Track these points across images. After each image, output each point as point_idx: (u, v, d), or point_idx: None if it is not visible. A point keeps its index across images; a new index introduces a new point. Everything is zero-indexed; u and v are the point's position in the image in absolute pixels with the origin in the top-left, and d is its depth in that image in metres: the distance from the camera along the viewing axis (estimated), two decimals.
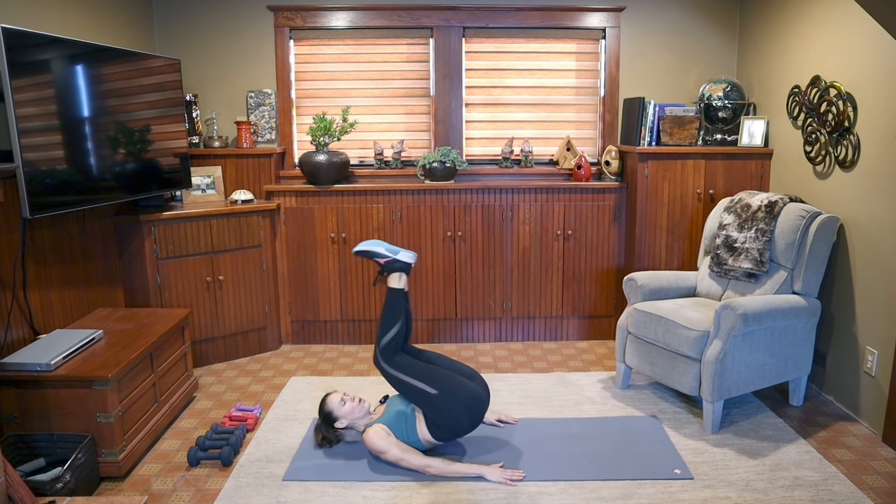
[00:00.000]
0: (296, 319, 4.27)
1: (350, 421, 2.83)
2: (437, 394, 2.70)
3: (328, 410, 2.85)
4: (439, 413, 2.71)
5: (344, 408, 2.83)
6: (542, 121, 4.44)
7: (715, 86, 4.12)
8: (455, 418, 2.72)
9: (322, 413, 2.87)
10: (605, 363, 3.93)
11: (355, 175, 4.33)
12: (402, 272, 2.87)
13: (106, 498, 2.33)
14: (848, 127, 3.21)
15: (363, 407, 2.86)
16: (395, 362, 2.75)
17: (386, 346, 2.76)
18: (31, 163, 2.68)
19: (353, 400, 2.86)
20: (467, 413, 2.73)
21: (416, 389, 2.72)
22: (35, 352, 2.66)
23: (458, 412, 2.72)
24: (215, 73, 4.29)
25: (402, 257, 2.87)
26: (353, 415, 2.83)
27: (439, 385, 2.72)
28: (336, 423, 2.83)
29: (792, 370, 3.20)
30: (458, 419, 2.72)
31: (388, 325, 2.79)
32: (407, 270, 2.88)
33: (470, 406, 2.74)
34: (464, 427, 2.76)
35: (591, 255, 4.24)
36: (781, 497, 2.51)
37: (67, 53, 2.93)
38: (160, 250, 3.64)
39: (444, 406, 2.70)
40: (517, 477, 2.63)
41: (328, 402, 2.87)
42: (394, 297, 2.83)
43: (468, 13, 4.25)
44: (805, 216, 3.20)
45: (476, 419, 2.77)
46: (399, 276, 2.86)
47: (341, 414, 2.83)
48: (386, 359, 2.76)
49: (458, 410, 2.71)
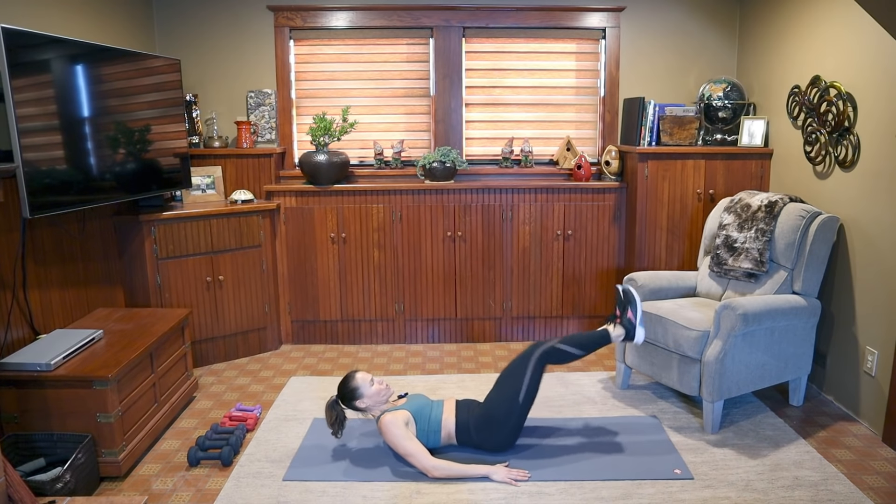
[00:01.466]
0: (296, 319, 4.27)
1: (371, 403, 2.80)
2: (510, 422, 2.76)
3: (354, 386, 2.79)
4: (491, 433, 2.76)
5: (371, 388, 2.79)
6: (542, 121, 4.44)
7: (715, 86, 4.12)
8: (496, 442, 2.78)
9: (346, 388, 2.80)
10: (605, 363, 3.93)
11: (355, 175, 4.33)
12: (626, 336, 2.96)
13: (106, 498, 2.34)
14: (848, 127, 3.21)
15: (387, 394, 2.84)
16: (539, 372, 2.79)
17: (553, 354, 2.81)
18: (31, 163, 2.68)
19: (381, 384, 2.83)
20: (505, 443, 2.80)
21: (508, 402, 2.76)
22: (35, 352, 2.66)
23: (503, 440, 2.79)
24: (215, 73, 4.29)
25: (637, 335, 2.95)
26: (376, 398, 2.80)
27: (519, 417, 2.78)
28: (357, 402, 2.79)
29: (792, 370, 3.20)
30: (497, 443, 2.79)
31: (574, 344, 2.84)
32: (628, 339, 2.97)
33: (510, 441, 2.82)
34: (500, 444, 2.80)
35: (591, 255, 4.24)
36: (781, 497, 2.51)
37: (67, 53, 2.93)
38: (160, 250, 3.64)
39: (511, 416, 2.75)
40: (522, 477, 2.63)
41: (357, 377, 2.81)
42: (600, 340, 2.90)
43: (468, 13, 4.25)
44: (805, 216, 3.20)
45: (513, 442, 2.84)
46: (619, 335, 2.95)
47: (367, 393, 2.78)
48: (542, 359, 2.79)
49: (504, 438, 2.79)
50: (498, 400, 2.79)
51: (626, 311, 2.98)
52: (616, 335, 2.95)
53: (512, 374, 2.81)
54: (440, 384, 3.61)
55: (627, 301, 2.98)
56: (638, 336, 2.95)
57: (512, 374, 2.81)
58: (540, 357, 2.80)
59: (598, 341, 2.90)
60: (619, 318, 2.99)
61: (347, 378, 2.83)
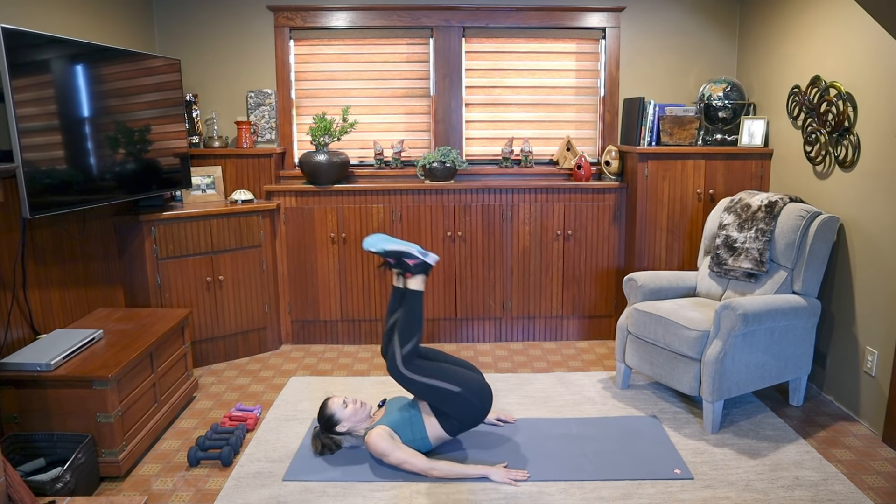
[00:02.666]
0: (296, 319, 4.27)
1: (352, 425, 2.81)
2: (459, 391, 2.72)
3: (329, 414, 2.80)
4: (459, 408, 2.73)
5: (346, 411, 2.80)
6: (542, 121, 4.44)
7: (715, 86, 4.12)
8: (472, 410, 2.75)
9: (323, 417, 2.82)
10: (605, 363, 3.93)
11: (355, 175, 4.33)
12: (424, 275, 2.81)
13: (106, 498, 2.34)
14: (848, 127, 3.21)
15: (365, 410, 2.84)
16: (417, 367, 2.71)
17: (408, 354, 2.70)
18: (31, 163, 2.68)
19: (354, 403, 2.83)
20: (481, 402, 2.78)
21: (440, 390, 2.71)
22: (35, 352, 2.66)
23: (475, 403, 2.76)
24: (215, 73, 4.29)
25: (430, 260, 2.80)
26: (354, 418, 2.80)
27: (458, 382, 2.73)
28: (337, 428, 2.80)
29: (792, 370, 3.20)
30: (474, 410, 2.76)
31: (412, 333, 2.72)
32: (428, 273, 2.84)
33: (482, 395, 2.79)
34: (478, 417, 2.79)
35: (591, 255, 4.24)
36: (781, 497, 2.51)
37: (67, 53, 2.92)
38: (160, 250, 3.64)
39: (463, 401, 2.72)
40: (521, 477, 2.63)
41: (329, 405, 2.83)
42: (417, 300, 2.76)
43: (468, 13, 4.25)
44: (805, 216, 3.20)
45: (488, 408, 2.82)
46: (423, 279, 2.81)
47: (343, 417, 2.79)
48: (408, 366, 2.70)
49: (475, 401, 2.75)
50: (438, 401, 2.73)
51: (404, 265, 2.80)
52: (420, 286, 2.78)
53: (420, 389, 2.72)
54: None
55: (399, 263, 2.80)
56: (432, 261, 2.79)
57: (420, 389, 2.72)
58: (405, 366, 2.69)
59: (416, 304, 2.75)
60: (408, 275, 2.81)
61: (321, 408, 2.85)
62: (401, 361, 2.70)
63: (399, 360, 2.70)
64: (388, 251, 2.78)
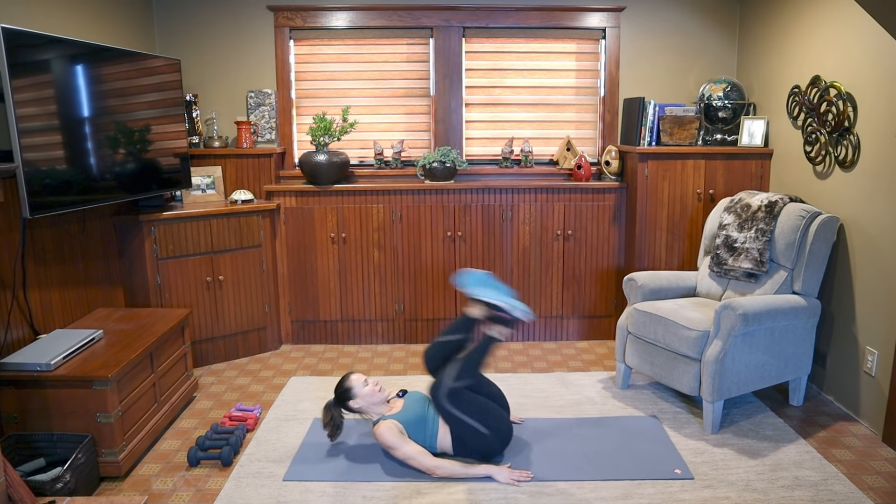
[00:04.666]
0: (296, 319, 4.27)
1: (365, 404, 2.80)
2: (488, 434, 2.72)
3: (348, 386, 2.81)
4: (478, 444, 2.73)
5: (365, 389, 2.80)
6: (542, 121, 4.44)
7: (715, 86, 4.12)
8: (488, 450, 2.75)
9: (340, 388, 2.83)
10: (605, 363, 3.93)
11: (355, 175, 4.33)
12: (509, 325, 2.83)
13: (106, 498, 2.34)
14: (848, 127, 3.21)
15: (381, 395, 2.84)
16: (459, 402, 2.69)
17: (456, 390, 2.70)
18: (31, 163, 2.68)
19: (375, 385, 2.84)
20: (500, 443, 2.78)
21: (470, 428, 2.70)
22: (35, 352, 2.66)
23: (494, 447, 2.76)
24: (215, 73, 4.29)
25: (520, 316, 2.79)
26: (370, 399, 2.80)
27: (489, 424, 2.72)
28: (351, 402, 2.79)
29: (792, 370, 3.20)
30: (490, 451, 2.76)
31: (469, 374, 2.73)
32: (511, 326, 2.84)
33: (504, 439, 2.79)
34: (490, 455, 2.77)
35: (591, 255, 4.24)
36: (781, 497, 2.51)
37: (67, 53, 2.92)
38: (160, 250, 3.64)
39: (485, 441, 2.72)
40: (525, 478, 2.63)
41: (350, 378, 2.83)
42: (488, 347, 2.78)
43: (468, 13, 4.25)
44: (805, 216, 3.20)
45: (503, 449, 2.81)
46: (505, 329, 2.83)
47: (360, 394, 2.79)
48: (452, 399, 2.68)
49: (495, 445, 2.76)
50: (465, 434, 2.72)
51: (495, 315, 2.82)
52: (499, 335, 2.82)
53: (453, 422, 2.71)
54: None
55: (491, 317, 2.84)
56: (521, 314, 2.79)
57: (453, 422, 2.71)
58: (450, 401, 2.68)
59: (486, 350, 2.78)
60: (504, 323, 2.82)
61: (342, 379, 2.86)
62: (447, 392, 2.69)
63: (444, 390, 2.69)
64: (484, 301, 2.80)
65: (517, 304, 2.80)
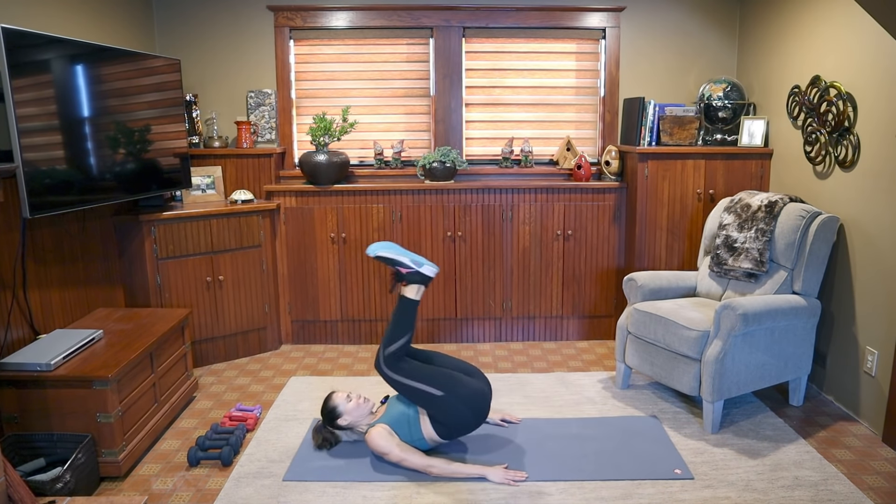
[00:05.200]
0: (296, 319, 4.27)
1: (353, 419, 2.83)
2: (443, 395, 2.70)
3: (332, 406, 2.84)
4: (445, 413, 2.71)
5: (349, 405, 2.82)
6: (542, 121, 4.44)
7: (715, 86, 4.12)
8: (460, 416, 2.73)
9: (325, 410, 2.86)
10: (605, 363, 3.93)
11: (355, 175, 4.33)
12: (421, 284, 2.83)
13: (106, 498, 2.33)
14: (848, 127, 3.21)
15: (367, 406, 2.86)
16: (399, 368, 2.73)
17: (391, 354, 2.74)
18: (31, 163, 2.68)
19: (358, 398, 2.86)
20: (471, 411, 2.74)
21: (421, 392, 2.71)
22: (35, 352, 2.66)
23: (463, 411, 2.72)
24: (215, 73, 4.29)
25: (425, 271, 2.81)
26: (357, 412, 2.83)
27: (443, 386, 2.71)
28: (339, 421, 2.82)
29: (792, 370, 3.20)
30: (463, 417, 2.73)
31: (397, 335, 2.76)
32: (427, 283, 2.85)
33: (474, 403, 2.75)
34: (469, 424, 2.77)
35: (591, 255, 4.24)
36: (781, 497, 2.51)
37: (67, 53, 2.92)
38: (160, 250, 3.64)
39: (448, 406, 2.71)
40: (519, 478, 2.63)
41: (333, 398, 2.86)
42: (408, 307, 2.80)
43: (468, 13, 4.25)
44: (805, 216, 3.20)
45: (481, 416, 2.78)
46: (418, 288, 2.82)
47: (346, 410, 2.82)
48: (389, 365, 2.74)
49: (463, 409, 2.72)
50: (422, 403, 2.74)
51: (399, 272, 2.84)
52: (415, 295, 2.82)
53: (402, 389, 2.74)
54: None
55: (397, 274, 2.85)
56: (428, 272, 2.81)
57: (402, 389, 2.74)
58: (386, 365, 2.73)
59: (406, 310, 2.79)
60: (403, 283, 2.85)
61: (325, 401, 2.88)
62: (382, 360, 2.75)
63: (381, 359, 2.75)
64: (381, 257, 2.82)
65: (421, 259, 2.83)
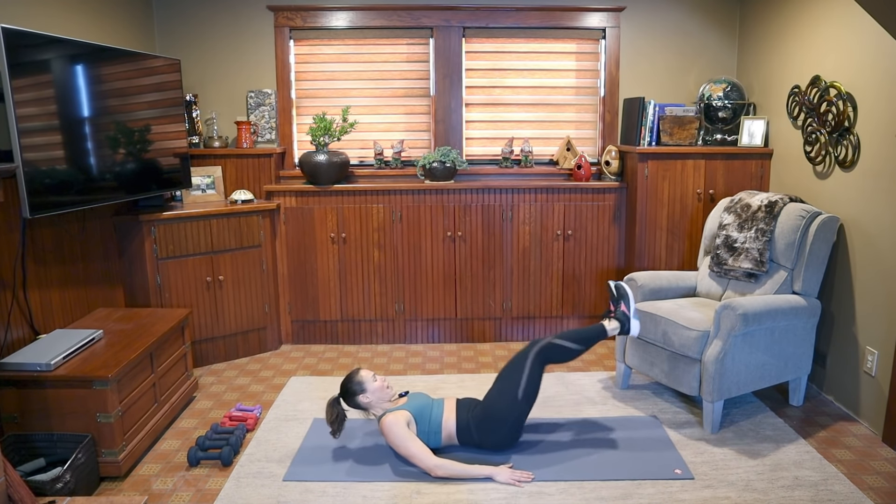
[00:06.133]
0: (296, 319, 4.27)
1: (374, 399, 2.82)
2: (511, 420, 2.77)
3: (359, 380, 2.82)
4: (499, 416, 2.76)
5: (374, 384, 2.82)
6: (542, 121, 4.44)
7: (715, 86, 4.12)
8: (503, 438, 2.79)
9: (349, 383, 2.83)
10: (605, 363, 3.93)
11: (355, 175, 4.33)
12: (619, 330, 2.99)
13: (106, 498, 2.34)
14: (848, 127, 3.21)
15: (389, 392, 2.87)
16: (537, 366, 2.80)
17: (551, 350, 2.82)
18: (31, 163, 2.68)
19: (383, 380, 2.87)
20: (512, 439, 2.82)
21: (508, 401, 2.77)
22: (35, 352, 2.66)
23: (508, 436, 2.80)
24: (215, 73, 4.29)
25: (633, 326, 3.00)
26: (379, 394, 2.82)
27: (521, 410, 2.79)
28: (360, 397, 2.81)
29: (792, 370, 3.20)
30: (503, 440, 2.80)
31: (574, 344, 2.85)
32: (623, 333, 3.00)
33: (517, 435, 2.84)
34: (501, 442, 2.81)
35: (591, 255, 4.24)
36: (781, 497, 2.51)
37: (67, 53, 2.92)
38: (160, 250, 3.64)
39: (511, 414, 2.76)
40: (526, 478, 2.63)
41: (360, 373, 2.85)
42: (598, 334, 2.93)
43: (468, 13, 4.25)
44: (805, 216, 3.20)
45: (513, 443, 2.85)
46: (614, 328, 2.98)
47: (370, 388, 2.81)
48: (540, 356, 2.80)
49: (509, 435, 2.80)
50: (497, 398, 2.80)
51: (620, 305, 3.03)
52: (612, 328, 2.98)
53: (511, 372, 2.82)
54: (440, 384, 3.61)
55: (620, 296, 3.04)
56: (633, 328, 3.00)
57: (511, 372, 2.82)
58: (538, 354, 2.81)
59: (595, 336, 2.93)
60: (614, 313, 3.03)
61: (351, 374, 2.87)
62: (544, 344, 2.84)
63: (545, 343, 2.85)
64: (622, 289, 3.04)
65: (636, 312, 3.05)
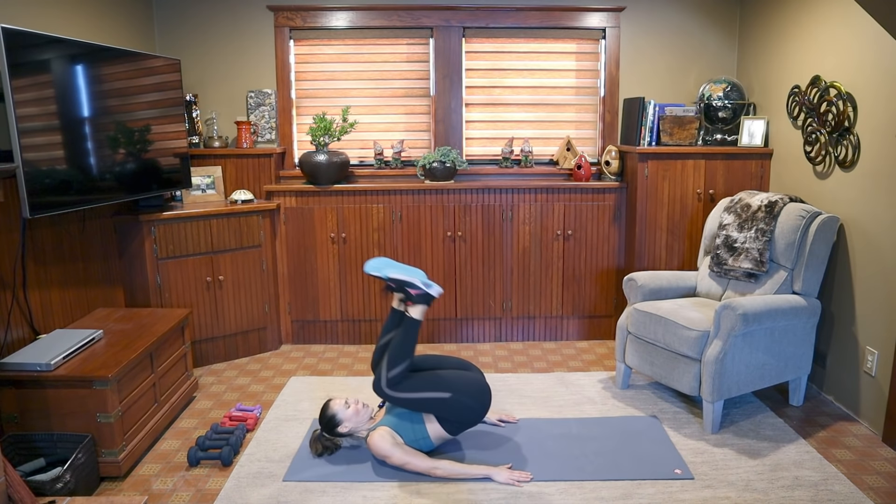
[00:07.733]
0: (296, 319, 4.27)
1: (353, 426, 2.79)
2: (450, 396, 2.72)
3: (332, 414, 2.79)
4: (455, 411, 2.73)
5: (348, 411, 2.79)
6: (542, 121, 4.44)
7: (715, 86, 4.12)
8: (469, 411, 2.76)
9: (324, 418, 2.81)
10: (605, 363, 3.93)
11: (355, 175, 4.33)
12: (426, 305, 2.80)
13: (106, 498, 2.34)
14: (848, 127, 3.21)
15: (367, 412, 2.84)
16: (402, 386, 2.70)
17: (395, 377, 2.70)
18: (31, 163, 2.68)
19: (356, 404, 2.83)
20: (478, 402, 2.78)
21: (429, 400, 2.71)
22: (35, 352, 2.66)
23: (470, 404, 2.75)
24: (215, 73, 4.29)
25: (433, 292, 2.79)
26: (356, 419, 2.80)
27: (448, 387, 2.73)
28: (339, 429, 2.79)
29: (792, 370, 3.20)
30: (471, 411, 2.76)
31: (401, 359, 2.71)
32: (430, 303, 2.83)
33: (478, 395, 2.79)
34: (477, 416, 2.79)
35: (591, 255, 4.24)
36: (781, 497, 2.51)
37: (67, 53, 2.92)
38: (160, 250, 3.64)
39: (457, 404, 2.72)
40: (524, 478, 2.63)
41: (331, 406, 2.82)
42: (414, 328, 2.75)
43: (468, 13, 4.25)
44: (805, 216, 3.20)
45: (486, 405, 2.82)
46: (423, 309, 2.79)
47: (345, 417, 2.78)
48: (393, 387, 2.70)
49: (470, 402, 2.75)
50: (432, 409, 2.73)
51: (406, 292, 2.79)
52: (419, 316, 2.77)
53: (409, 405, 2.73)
54: None
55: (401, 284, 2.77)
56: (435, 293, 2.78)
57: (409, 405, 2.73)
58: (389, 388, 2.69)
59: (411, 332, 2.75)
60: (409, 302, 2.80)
61: (323, 409, 2.84)
62: (385, 383, 2.70)
63: (384, 382, 2.71)
64: (391, 278, 2.76)
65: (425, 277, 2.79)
